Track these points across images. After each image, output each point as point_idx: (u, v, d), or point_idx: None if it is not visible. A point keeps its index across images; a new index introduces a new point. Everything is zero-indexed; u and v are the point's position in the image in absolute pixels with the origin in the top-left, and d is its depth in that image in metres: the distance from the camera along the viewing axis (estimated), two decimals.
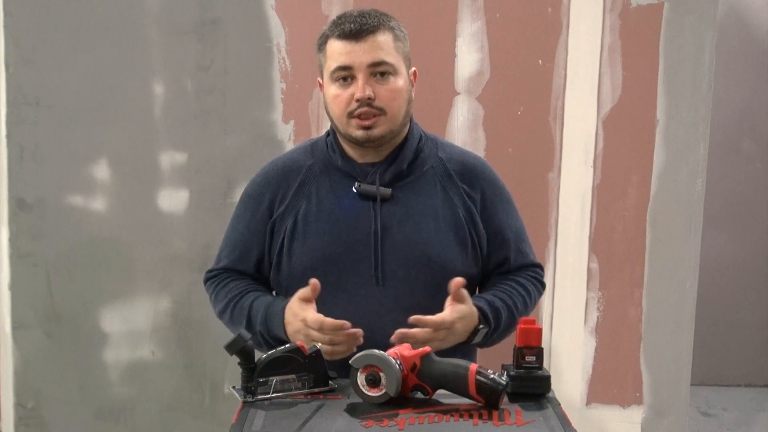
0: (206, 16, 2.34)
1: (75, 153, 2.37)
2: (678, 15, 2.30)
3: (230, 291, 1.61)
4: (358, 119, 1.49)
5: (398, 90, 1.51)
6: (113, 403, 2.45)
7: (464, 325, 1.46)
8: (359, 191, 1.54)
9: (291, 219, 1.56)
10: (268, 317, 1.51)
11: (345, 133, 1.53)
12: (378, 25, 1.49)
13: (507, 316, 1.54)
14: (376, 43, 1.48)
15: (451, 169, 1.59)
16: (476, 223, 1.57)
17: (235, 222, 1.66)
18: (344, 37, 1.48)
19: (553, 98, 2.37)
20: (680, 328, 2.42)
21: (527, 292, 1.60)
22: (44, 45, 2.33)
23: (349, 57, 1.48)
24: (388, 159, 1.56)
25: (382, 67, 1.48)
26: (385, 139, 1.53)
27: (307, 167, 1.59)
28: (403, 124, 1.55)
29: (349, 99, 1.49)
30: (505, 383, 1.23)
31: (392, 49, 1.50)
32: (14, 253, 2.39)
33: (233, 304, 1.58)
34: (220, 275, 1.66)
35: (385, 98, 1.49)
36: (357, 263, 1.51)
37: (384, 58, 1.48)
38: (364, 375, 1.25)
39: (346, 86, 1.49)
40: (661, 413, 2.45)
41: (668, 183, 2.37)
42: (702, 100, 2.33)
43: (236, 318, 1.57)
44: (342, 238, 1.53)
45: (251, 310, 1.55)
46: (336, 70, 1.49)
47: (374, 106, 1.48)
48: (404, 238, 1.53)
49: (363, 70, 1.47)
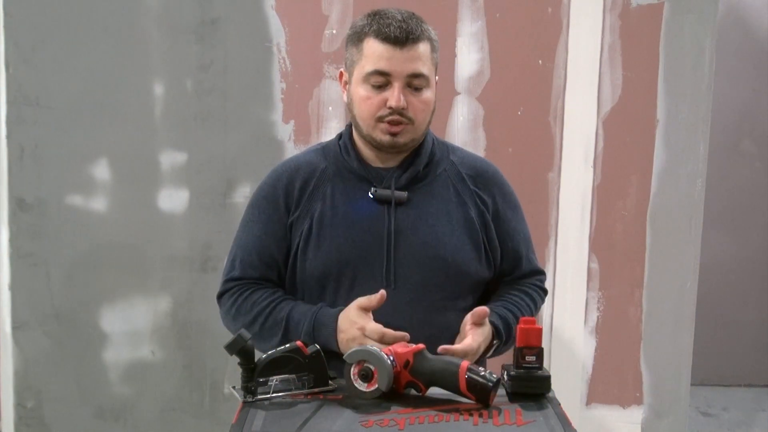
0: (206, 16, 2.34)
1: (75, 153, 2.37)
2: (678, 15, 2.30)
3: (257, 303, 1.53)
4: (388, 125, 1.48)
5: (429, 102, 1.51)
6: (113, 403, 2.45)
7: (484, 344, 1.49)
8: (375, 196, 1.53)
9: (307, 222, 1.54)
10: (316, 327, 1.48)
11: (368, 135, 1.52)
12: (421, 34, 1.46)
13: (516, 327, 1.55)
14: (417, 54, 1.46)
15: (464, 173, 1.59)
16: (488, 227, 1.58)
17: (249, 226, 1.60)
18: (388, 41, 1.45)
19: (553, 98, 2.37)
20: (680, 328, 2.42)
21: (533, 302, 1.62)
22: (44, 45, 2.33)
23: (390, 63, 1.45)
24: (405, 163, 1.56)
25: (418, 79, 1.47)
26: (408, 146, 1.53)
27: (321, 170, 1.57)
28: (424, 133, 1.55)
29: (380, 104, 1.47)
30: (495, 381, 1.23)
31: (429, 61, 1.49)
32: (14, 253, 2.39)
33: (264, 316, 1.52)
34: (238, 286, 1.57)
35: (417, 109, 1.49)
36: (371, 266, 1.51)
37: (422, 70, 1.47)
38: (357, 370, 1.26)
39: (379, 91, 1.47)
40: (661, 413, 2.45)
41: (668, 183, 2.37)
42: (702, 100, 2.33)
43: (268, 330, 1.51)
44: (356, 242, 1.52)
45: (289, 322, 1.50)
46: (373, 73, 1.47)
47: (405, 116, 1.48)
48: (419, 240, 1.52)
49: (401, 79, 1.46)
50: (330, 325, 1.47)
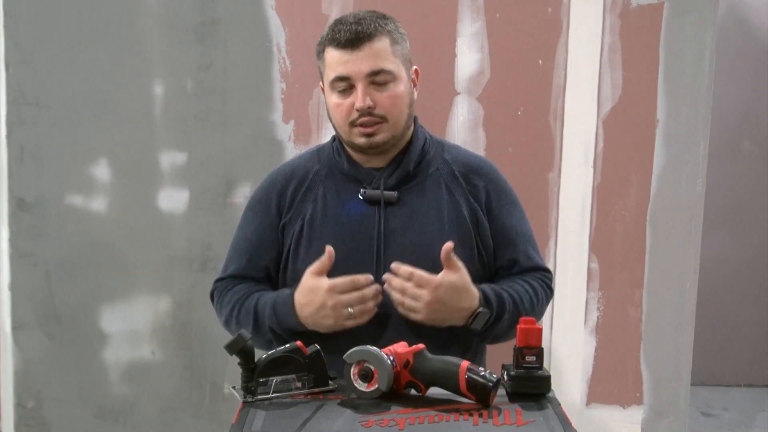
0: (206, 16, 2.34)
1: (75, 153, 2.38)
2: (678, 15, 2.30)
3: (233, 295, 1.57)
4: (361, 127, 1.49)
5: (398, 96, 1.50)
6: (113, 403, 2.45)
7: (456, 298, 1.43)
8: (365, 197, 1.53)
9: (298, 224, 1.56)
10: (276, 308, 1.49)
11: (348, 141, 1.53)
12: (374, 31, 1.46)
13: (512, 308, 1.49)
14: (372, 51, 1.46)
15: (456, 171, 1.58)
16: (481, 225, 1.56)
17: (242, 228, 1.63)
18: (340, 46, 1.47)
19: (553, 98, 2.37)
20: (680, 328, 2.42)
21: (534, 290, 1.56)
22: (44, 45, 2.33)
23: (346, 67, 1.46)
24: (394, 162, 1.56)
25: (381, 75, 1.47)
26: (388, 145, 1.53)
27: (313, 172, 1.59)
28: (405, 128, 1.55)
29: (349, 108, 1.48)
30: (495, 380, 1.23)
31: (390, 55, 1.48)
32: (14, 253, 2.39)
33: (238, 307, 1.55)
34: (224, 284, 1.61)
35: (386, 106, 1.48)
36: (361, 267, 1.50)
37: (382, 65, 1.47)
38: (357, 370, 1.26)
39: (346, 95, 1.49)
40: (661, 413, 2.45)
41: (668, 183, 2.36)
42: (702, 100, 2.33)
43: (243, 320, 1.53)
44: (347, 243, 1.52)
45: (257, 308, 1.52)
46: (335, 80, 1.49)
47: (375, 114, 1.48)
48: (409, 240, 1.52)
49: (361, 79, 1.46)
50: (288, 302, 1.48)
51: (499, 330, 1.51)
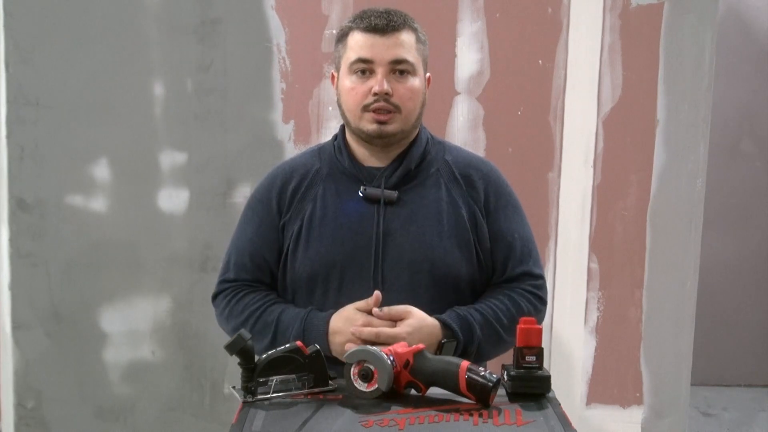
0: (206, 16, 2.34)
1: (75, 153, 2.38)
2: (678, 15, 2.30)
3: (248, 306, 1.55)
4: (374, 113, 1.49)
5: (415, 90, 1.51)
6: (113, 403, 2.45)
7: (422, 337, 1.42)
8: (365, 195, 1.53)
9: (298, 223, 1.55)
10: (306, 330, 1.48)
11: (356, 128, 1.52)
12: (403, 23, 1.51)
13: (486, 328, 1.48)
14: (399, 41, 1.49)
15: (457, 172, 1.58)
16: (480, 227, 1.56)
17: (243, 228, 1.62)
18: (369, 30, 1.49)
19: (553, 98, 2.37)
20: (680, 328, 2.42)
21: (516, 305, 1.53)
22: (44, 45, 2.33)
23: (372, 50, 1.48)
24: (395, 162, 1.56)
25: (403, 65, 1.49)
26: (396, 137, 1.53)
27: (314, 171, 1.59)
28: (414, 126, 1.55)
29: (365, 92, 1.49)
30: (495, 381, 1.23)
31: (413, 49, 1.51)
32: (14, 253, 2.39)
33: (253, 320, 1.53)
34: (232, 288, 1.59)
35: (403, 96, 1.50)
36: (359, 267, 1.50)
37: (405, 56, 1.49)
38: (357, 370, 1.26)
39: (364, 79, 1.50)
40: (661, 413, 2.45)
41: (668, 183, 2.37)
42: (702, 100, 2.33)
43: (258, 333, 1.51)
44: (345, 243, 1.52)
45: (279, 325, 1.50)
46: (356, 61, 1.49)
47: (391, 102, 1.49)
48: (407, 241, 1.52)
49: (384, 65, 1.48)
50: (321, 327, 1.47)
51: (483, 351, 1.51)
